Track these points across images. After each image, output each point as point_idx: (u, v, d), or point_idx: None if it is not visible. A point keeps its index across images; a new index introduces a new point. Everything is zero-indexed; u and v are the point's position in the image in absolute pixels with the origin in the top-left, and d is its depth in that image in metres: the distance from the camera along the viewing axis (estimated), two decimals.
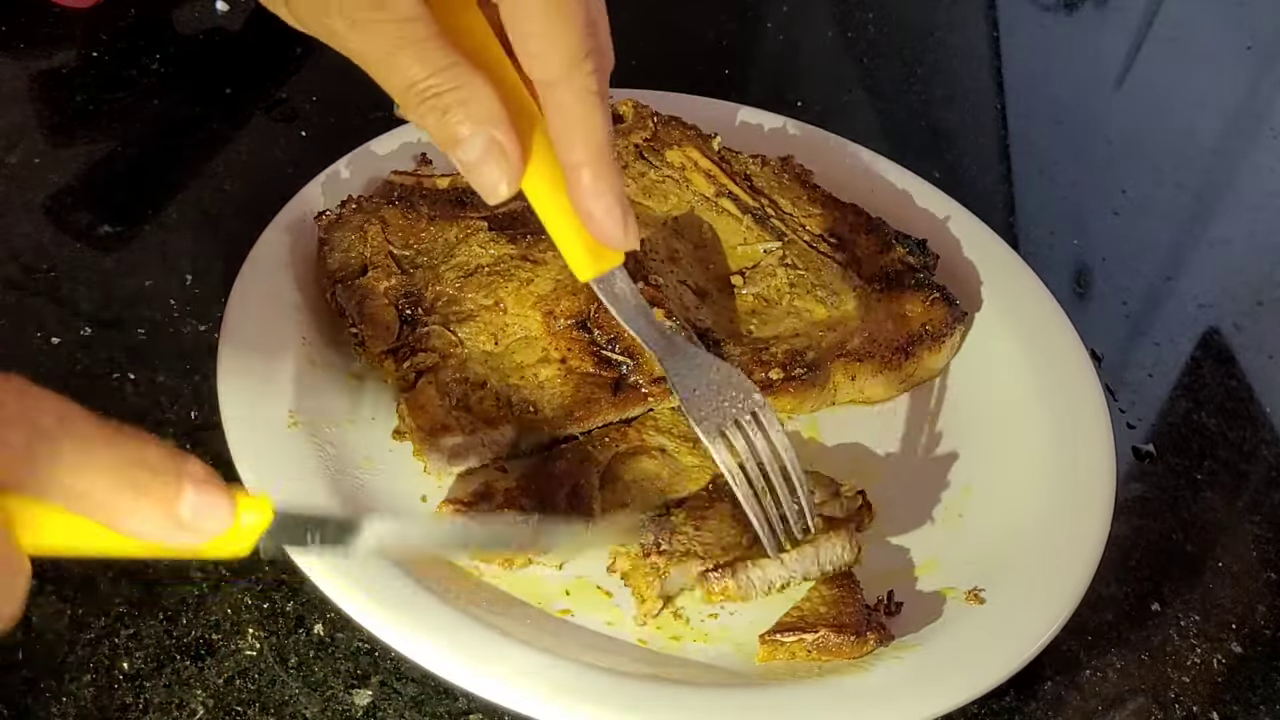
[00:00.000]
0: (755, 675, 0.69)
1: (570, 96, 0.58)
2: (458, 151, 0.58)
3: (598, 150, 0.60)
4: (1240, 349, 1.00)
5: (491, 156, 0.58)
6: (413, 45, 0.56)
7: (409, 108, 0.58)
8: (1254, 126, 1.29)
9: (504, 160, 0.58)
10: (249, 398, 0.75)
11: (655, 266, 0.87)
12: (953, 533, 0.78)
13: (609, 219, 0.61)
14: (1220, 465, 0.90)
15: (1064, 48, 1.35)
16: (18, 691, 0.66)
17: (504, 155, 0.58)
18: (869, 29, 1.29)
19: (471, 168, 0.59)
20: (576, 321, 0.80)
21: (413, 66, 0.56)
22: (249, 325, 0.78)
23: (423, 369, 0.77)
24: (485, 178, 0.59)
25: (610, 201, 0.61)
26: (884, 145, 1.07)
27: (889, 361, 0.84)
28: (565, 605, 0.71)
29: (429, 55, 0.56)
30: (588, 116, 0.59)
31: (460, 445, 0.75)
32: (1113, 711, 0.74)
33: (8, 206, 0.91)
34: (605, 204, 0.61)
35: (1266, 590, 0.83)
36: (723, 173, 0.93)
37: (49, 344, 0.83)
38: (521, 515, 0.71)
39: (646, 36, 1.21)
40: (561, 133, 0.60)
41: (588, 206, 0.61)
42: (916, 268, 0.89)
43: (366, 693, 0.69)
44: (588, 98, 0.59)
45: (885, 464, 0.82)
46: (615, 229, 0.61)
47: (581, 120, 0.59)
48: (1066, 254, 1.07)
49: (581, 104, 0.59)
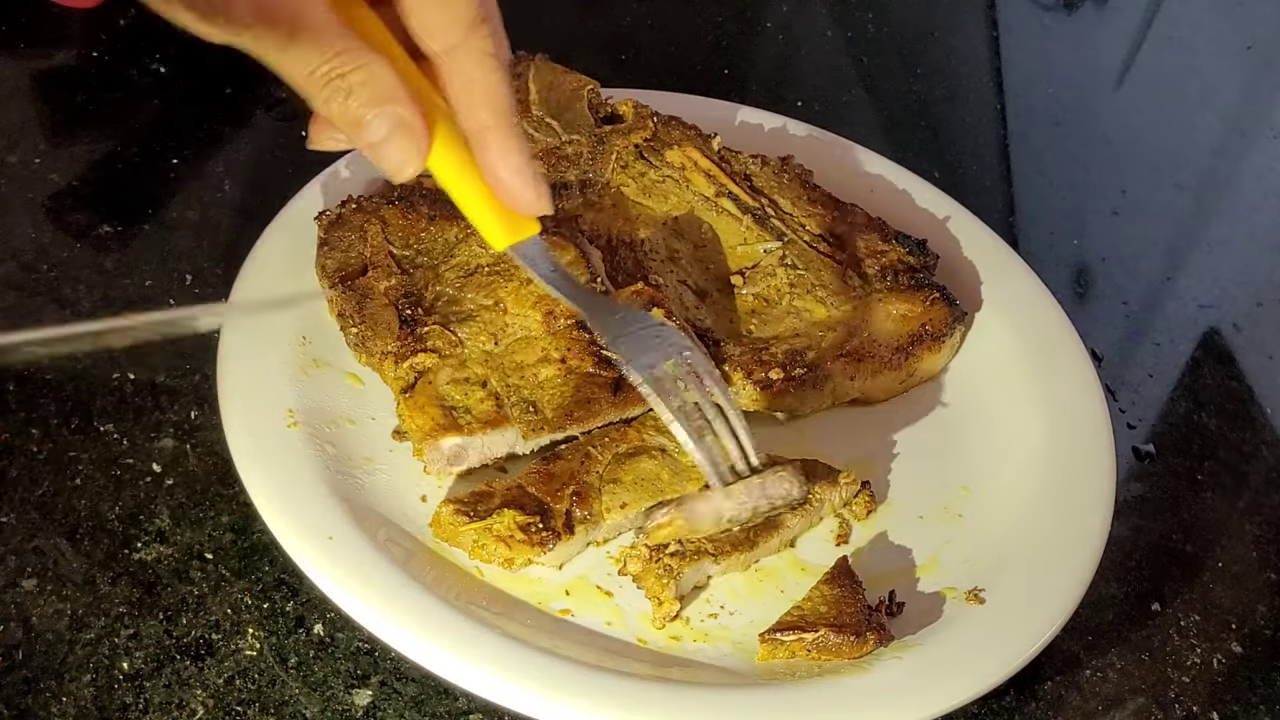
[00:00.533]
0: (755, 675, 0.69)
1: (470, 61, 0.59)
2: (364, 132, 0.58)
3: (501, 113, 0.60)
4: (1240, 349, 1.01)
5: (398, 133, 0.58)
6: (309, 31, 0.56)
7: (313, 95, 0.58)
8: (1254, 126, 1.29)
9: (410, 136, 0.59)
10: (249, 398, 0.75)
11: (655, 266, 0.87)
12: (952, 533, 0.78)
13: (518, 180, 0.61)
14: (1220, 465, 0.90)
15: (1064, 48, 1.35)
16: (18, 691, 0.66)
17: (410, 131, 0.58)
18: (869, 29, 1.29)
19: (378, 147, 0.59)
20: (576, 321, 0.80)
21: (311, 52, 0.57)
22: (249, 325, 0.79)
23: (423, 369, 0.77)
24: (393, 156, 0.59)
25: (518, 163, 0.61)
26: (884, 145, 1.07)
27: (889, 361, 0.84)
28: (565, 605, 0.71)
29: (326, 40, 0.57)
30: (488, 80, 0.59)
31: (460, 445, 0.75)
32: (1113, 711, 0.74)
33: (8, 206, 0.92)
34: (512, 166, 0.61)
35: (1266, 590, 0.83)
36: (723, 173, 0.93)
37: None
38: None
39: (646, 36, 1.21)
40: (463, 99, 0.60)
41: (495, 171, 0.61)
42: (916, 268, 0.89)
43: (366, 693, 0.69)
44: (486, 60, 0.59)
45: (885, 464, 0.82)
46: (525, 191, 0.61)
47: (482, 83, 0.59)
48: (1066, 254, 1.07)
49: (481, 67, 0.59)
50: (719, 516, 0.72)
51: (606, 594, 0.72)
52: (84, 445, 0.78)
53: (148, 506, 0.75)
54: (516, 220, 0.64)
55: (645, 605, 0.71)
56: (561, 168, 0.90)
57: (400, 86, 0.58)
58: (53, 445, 0.78)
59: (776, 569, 0.75)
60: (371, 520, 0.72)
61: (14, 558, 0.72)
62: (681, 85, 1.07)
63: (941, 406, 0.86)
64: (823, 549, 0.77)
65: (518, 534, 0.71)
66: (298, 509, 0.70)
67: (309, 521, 0.70)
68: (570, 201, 0.90)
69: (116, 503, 0.75)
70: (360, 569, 0.68)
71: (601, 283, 0.81)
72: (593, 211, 0.90)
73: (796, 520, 0.75)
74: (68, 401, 0.80)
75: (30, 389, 0.80)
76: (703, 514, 0.71)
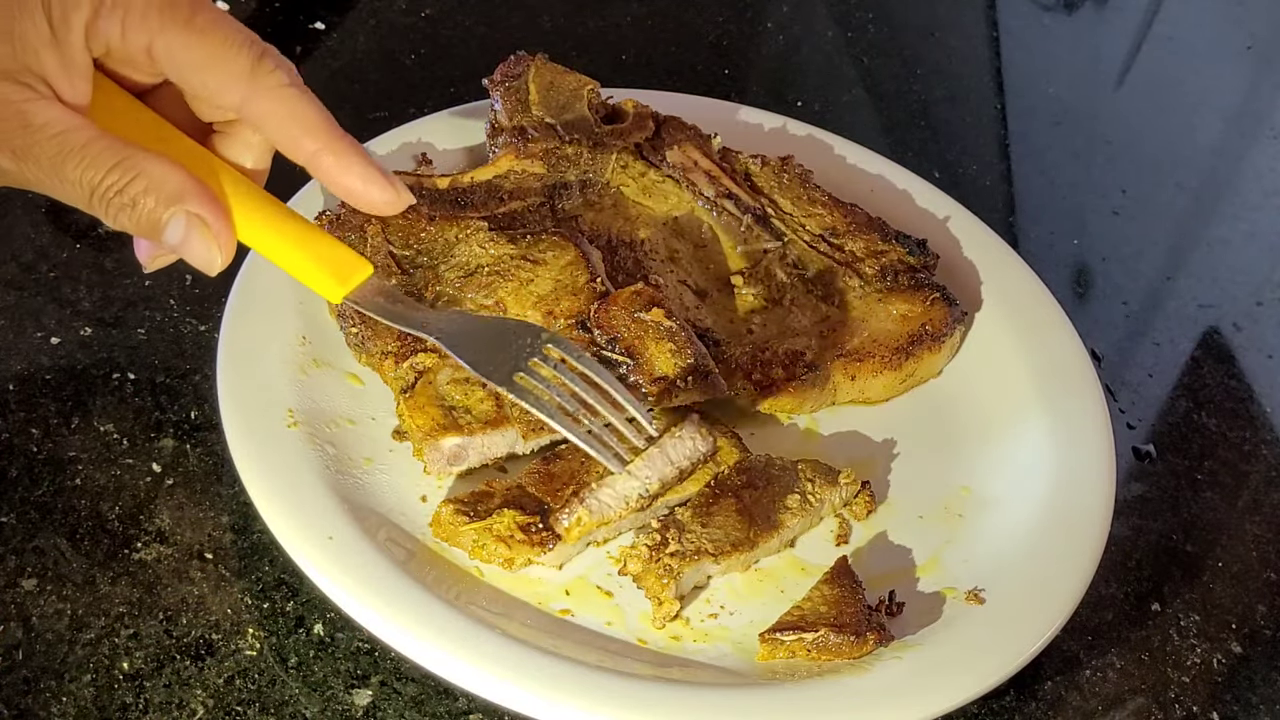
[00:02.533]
0: (755, 675, 0.69)
1: (270, 100, 0.58)
2: (162, 237, 0.57)
3: (323, 132, 0.59)
4: (1240, 349, 1.01)
5: (195, 231, 0.57)
6: (75, 153, 0.55)
7: (100, 214, 0.57)
8: (1254, 126, 1.29)
9: (207, 230, 0.57)
10: (249, 398, 0.75)
11: (655, 266, 0.87)
12: (952, 533, 0.78)
13: (371, 187, 0.61)
14: (1220, 465, 0.90)
15: (1064, 48, 1.35)
16: (18, 691, 0.66)
17: (204, 226, 0.57)
18: (869, 29, 1.29)
19: (181, 248, 0.58)
20: (576, 321, 0.80)
21: (85, 173, 0.55)
22: (249, 325, 0.79)
23: (423, 369, 0.77)
24: (197, 253, 0.58)
25: (363, 170, 0.60)
26: (884, 145, 1.07)
27: (889, 361, 0.84)
28: (565, 605, 0.71)
29: (97, 157, 0.55)
30: (295, 108, 0.59)
31: (460, 445, 0.75)
32: (1113, 711, 0.74)
33: (8, 206, 0.91)
34: (359, 175, 0.60)
35: (1266, 590, 0.83)
36: (723, 173, 0.93)
37: (49, 344, 0.83)
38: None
39: (647, 36, 1.21)
40: (282, 136, 0.59)
41: (345, 184, 0.60)
42: (916, 268, 0.89)
43: (366, 693, 0.69)
44: (283, 92, 0.58)
45: (885, 464, 0.82)
46: (382, 193, 0.61)
47: (292, 114, 0.59)
48: (1066, 254, 1.07)
49: (283, 100, 0.58)
50: (626, 499, 0.72)
51: (606, 594, 0.72)
52: (84, 445, 0.78)
53: (148, 506, 0.75)
54: (346, 267, 0.63)
55: (645, 605, 0.71)
56: (561, 168, 0.90)
57: (186, 180, 0.57)
58: (53, 445, 0.78)
59: (776, 569, 0.75)
60: (371, 520, 0.72)
61: (14, 558, 0.72)
62: (681, 85, 1.07)
63: (941, 406, 0.86)
64: (823, 549, 0.77)
65: (518, 534, 0.71)
66: (298, 509, 0.70)
67: (309, 521, 0.70)
68: (570, 201, 0.90)
69: (116, 503, 0.75)
70: (360, 569, 0.68)
71: (601, 283, 0.81)
72: (593, 211, 0.90)
73: (796, 520, 0.75)
74: (68, 401, 0.80)
75: (30, 389, 0.80)
76: (608, 502, 0.72)
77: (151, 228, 0.57)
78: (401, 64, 1.12)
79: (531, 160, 0.89)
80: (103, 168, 0.55)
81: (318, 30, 1.13)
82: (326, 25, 1.13)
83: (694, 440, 0.72)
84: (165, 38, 0.56)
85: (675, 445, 0.72)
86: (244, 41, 0.57)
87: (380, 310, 0.65)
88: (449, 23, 1.18)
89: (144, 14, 0.55)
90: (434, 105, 0.99)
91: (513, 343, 0.69)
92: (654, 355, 0.77)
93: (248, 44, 0.57)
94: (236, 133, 0.62)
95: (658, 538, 0.72)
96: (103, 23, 0.55)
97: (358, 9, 1.16)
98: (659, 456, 0.72)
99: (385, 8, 1.17)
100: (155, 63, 0.57)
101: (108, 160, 0.55)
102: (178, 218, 0.57)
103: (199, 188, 0.57)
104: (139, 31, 0.56)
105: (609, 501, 0.72)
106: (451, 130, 0.95)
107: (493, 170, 0.88)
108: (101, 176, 0.55)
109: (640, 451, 0.72)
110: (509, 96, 0.92)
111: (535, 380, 0.68)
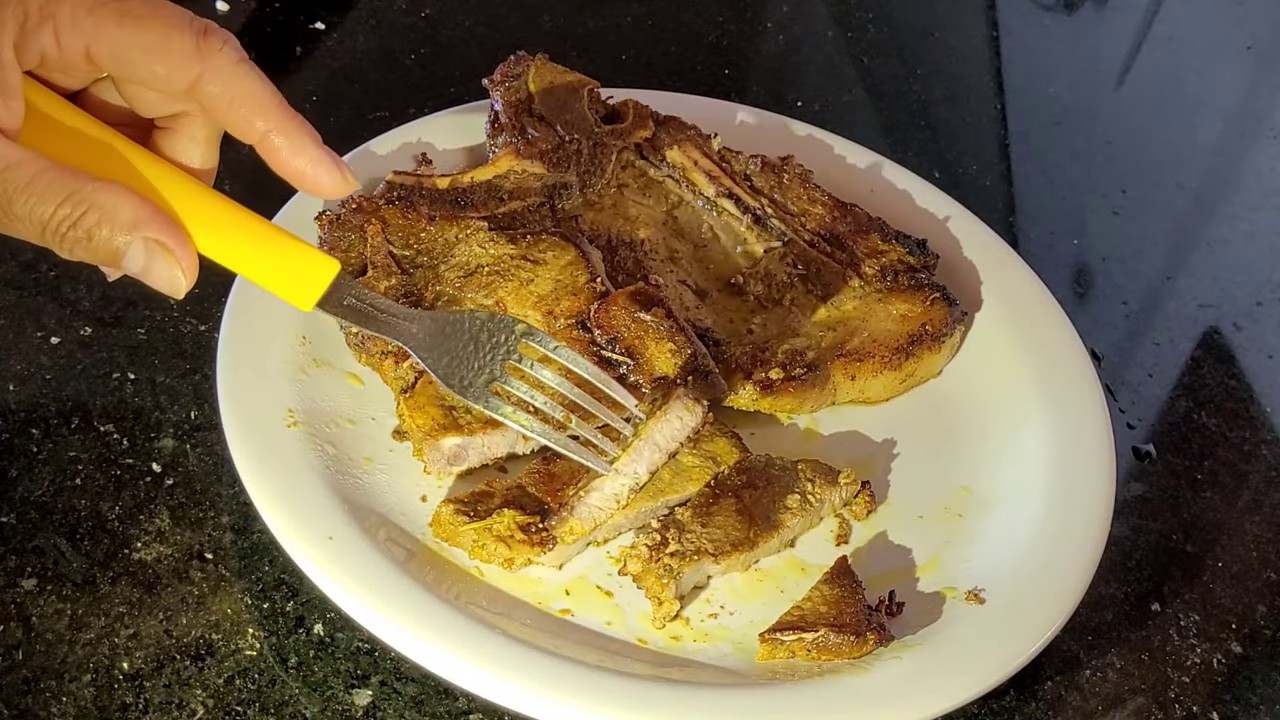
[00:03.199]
0: (755, 675, 0.69)
1: (220, 80, 0.57)
2: (122, 266, 0.56)
3: (274, 112, 0.58)
4: (1240, 349, 1.00)
5: (156, 257, 0.56)
6: (22, 190, 0.53)
7: (54, 248, 0.55)
8: (1254, 126, 1.29)
9: (168, 254, 0.56)
10: (249, 398, 0.75)
11: (655, 266, 0.87)
12: (952, 533, 0.78)
13: (320, 169, 0.59)
14: (1220, 465, 0.90)
15: (1064, 48, 1.35)
16: (18, 691, 0.66)
17: (165, 250, 0.56)
18: (869, 29, 1.29)
19: (144, 275, 0.56)
20: (576, 321, 0.80)
21: (35, 209, 0.54)
22: (249, 325, 0.78)
23: (422, 369, 0.77)
24: (161, 278, 0.56)
25: (314, 152, 0.59)
26: (884, 145, 1.07)
27: (889, 361, 0.84)
28: (565, 605, 0.71)
29: (47, 191, 0.54)
30: (245, 86, 0.57)
31: (460, 445, 0.75)
32: (1113, 711, 0.74)
33: None
34: (310, 157, 0.59)
35: (1266, 590, 0.83)
36: (723, 173, 0.93)
37: (49, 344, 0.83)
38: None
39: (647, 36, 1.21)
40: (233, 116, 0.58)
41: (294, 166, 0.59)
42: (916, 268, 0.89)
43: (366, 693, 0.69)
44: (235, 69, 0.57)
45: (885, 464, 0.82)
46: (329, 175, 0.59)
47: (243, 93, 0.57)
48: (1066, 254, 1.07)
49: (235, 78, 0.57)
50: (616, 496, 0.72)
51: (606, 594, 0.72)
52: (84, 445, 0.78)
53: (148, 506, 0.75)
54: (312, 271, 0.61)
55: (645, 605, 0.71)
56: (561, 168, 0.90)
57: (140, 206, 0.55)
58: (53, 445, 0.78)
59: (776, 569, 0.75)
60: (371, 520, 0.72)
61: (14, 558, 0.72)
62: (681, 85, 1.07)
63: (941, 406, 0.86)
64: (823, 549, 0.77)
65: (518, 534, 0.71)
66: (298, 509, 0.70)
67: (309, 521, 0.70)
68: (570, 201, 0.90)
69: (116, 503, 0.75)
70: (360, 569, 0.68)
71: (601, 283, 0.81)
72: (593, 211, 0.90)
73: (796, 520, 0.75)
74: (68, 401, 0.80)
75: (30, 389, 0.80)
76: (598, 504, 0.71)
77: (110, 258, 0.55)
78: (401, 64, 1.12)
79: (531, 160, 0.89)
80: (53, 202, 0.54)
81: (318, 30, 1.13)
82: (326, 25, 1.13)
83: (681, 419, 0.72)
84: (103, 36, 0.54)
85: (662, 430, 0.72)
86: (184, 21, 0.56)
87: (352, 317, 0.63)
88: (449, 23, 1.18)
89: (74, 18, 0.54)
90: (434, 105, 0.99)
91: (486, 343, 0.68)
92: (654, 355, 0.77)
93: (188, 23, 0.56)
94: (181, 127, 0.60)
95: (658, 538, 0.72)
96: (32, 37, 0.53)
97: (358, 9, 1.16)
98: (646, 447, 0.72)
99: (385, 8, 1.17)
100: (95, 64, 0.55)
101: (57, 194, 0.54)
102: (136, 246, 0.55)
103: (154, 212, 0.55)
104: (73, 37, 0.54)
105: (599, 504, 0.72)
106: (451, 130, 0.95)
107: (493, 170, 0.88)
108: (52, 211, 0.54)
109: (628, 443, 0.72)
110: (509, 96, 0.92)
111: (512, 387, 0.67)
